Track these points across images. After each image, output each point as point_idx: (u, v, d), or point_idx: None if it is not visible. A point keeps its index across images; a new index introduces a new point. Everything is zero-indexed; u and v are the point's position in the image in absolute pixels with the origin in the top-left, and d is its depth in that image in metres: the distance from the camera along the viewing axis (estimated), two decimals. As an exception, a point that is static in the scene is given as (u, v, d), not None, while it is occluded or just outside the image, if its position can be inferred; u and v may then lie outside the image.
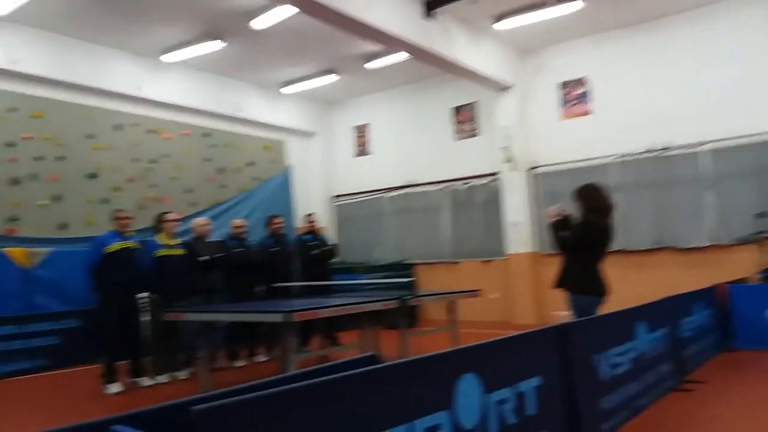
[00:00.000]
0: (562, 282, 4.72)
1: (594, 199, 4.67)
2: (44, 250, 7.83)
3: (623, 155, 9.27)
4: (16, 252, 7.54)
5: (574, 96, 9.87)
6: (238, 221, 7.64)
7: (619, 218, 8.84)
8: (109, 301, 6.02)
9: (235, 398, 1.79)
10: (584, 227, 4.61)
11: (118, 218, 6.20)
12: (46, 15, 7.98)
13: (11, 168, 8.15)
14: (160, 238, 6.54)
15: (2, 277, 7.35)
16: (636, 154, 9.18)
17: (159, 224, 6.68)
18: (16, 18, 7.91)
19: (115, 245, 6.05)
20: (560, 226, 4.76)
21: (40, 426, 1.63)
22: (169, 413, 1.75)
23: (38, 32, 8.34)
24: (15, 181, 8.17)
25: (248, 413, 1.81)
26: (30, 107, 8.42)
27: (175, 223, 6.69)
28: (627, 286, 8.72)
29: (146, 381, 6.21)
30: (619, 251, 8.90)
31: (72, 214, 8.71)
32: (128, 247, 6.16)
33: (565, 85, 9.98)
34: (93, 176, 9.04)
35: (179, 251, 6.61)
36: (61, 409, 5.38)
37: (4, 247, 7.56)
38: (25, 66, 8.20)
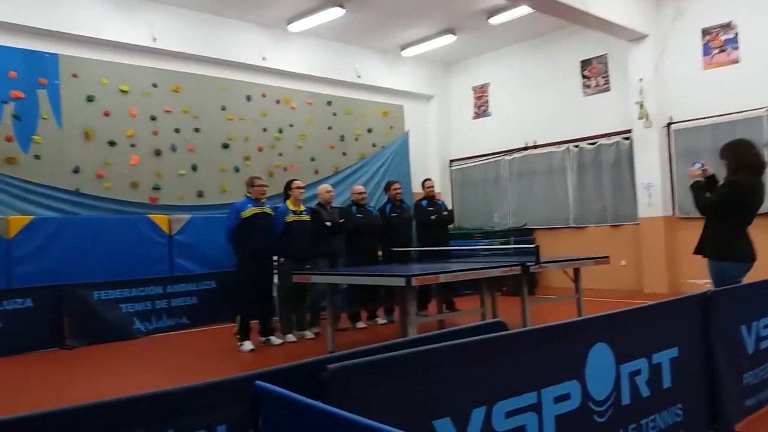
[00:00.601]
0: (704, 248, 4.35)
1: (742, 156, 4.20)
2: (184, 217, 8.49)
3: (776, 107, 8.30)
4: (159, 219, 8.26)
5: (719, 43, 8.91)
6: (358, 188, 7.80)
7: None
8: (246, 263, 6.40)
9: (370, 358, 1.85)
10: (730, 188, 4.18)
11: (255, 185, 6.50)
12: (180, -7, 8.53)
13: (154, 140, 8.87)
14: (289, 205, 6.85)
15: (149, 242, 8.08)
16: (792, 105, 8.18)
17: (288, 191, 6.99)
18: (153, -1, 8.55)
19: (251, 210, 6.40)
20: (703, 187, 4.37)
21: (184, 379, 1.77)
22: (305, 371, 1.83)
23: (173, 10, 8.92)
24: (157, 153, 8.90)
25: (382, 373, 1.85)
26: (169, 82, 9.08)
27: (301, 190, 6.96)
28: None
29: (276, 340, 6.57)
30: (769, 214, 8.11)
31: (207, 183, 9.37)
32: (263, 212, 6.50)
33: (709, 31, 9.02)
34: (226, 146, 9.62)
35: (305, 217, 6.90)
36: (201, 363, 5.84)
37: (148, 214, 8.30)
38: (163, 43, 8.83)
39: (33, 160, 7.75)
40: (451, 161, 12.79)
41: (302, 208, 6.94)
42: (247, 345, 6.27)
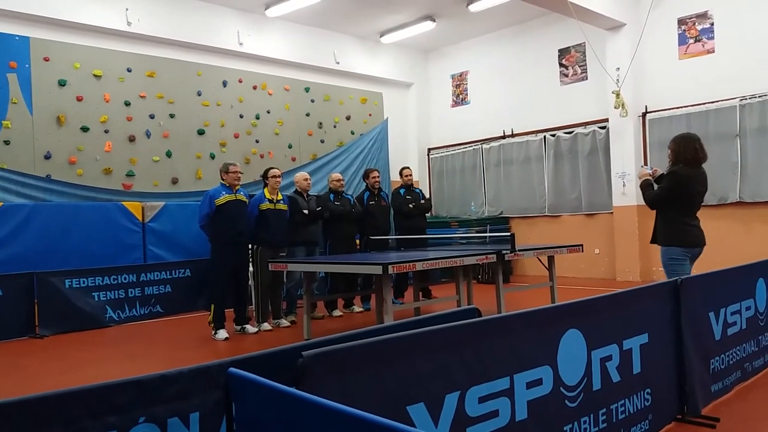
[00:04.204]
0: (656, 236, 4.68)
1: (682, 149, 4.52)
2: (158, 204, 8.36)
3: (750, 97, 8.43)
4: (132, 206, 8.13)
5: (695, 33, 9.02)
6: (336, 175, 7.77)
7: (742, 167, 8.24)
8: (220, 251, 6.35)
9: (345, 344, 1.85)
10: (669, 179, 4.52)
11: (230, 172, 6.41)
12: (154, -23, 8.35)
13: (128, 126, 8.72)
14: (266, 193, 6.80)
15: (122, 229, 7.95)
16: (765, 95, 8.31)
17: (266, 179, 6.93)
18: (127, -18, 8.35)
19: (225, 198, 6.33)
20: (650, 184, 4.71)
21: (157, 368, 1.76)
22: (280, 358, 1.83)
23: (148, -6, 8.74)
24: (131, 139, 8.74)
25: (357, 359, 1.86)
26: (144, 67, 8.91)
27: (278, 179, 6.90)
28: (749, 240, 8.10)
29: (251, 328, 6.53)
30: (740, 203, 8.27)
31: (182, 169, 9.24)
32: (237, 200, 6.43)
33: (685, 20, 9.12)
34: (201, 132, 9.49)
35: (282, 206, 6.85)
36: (174, 352, 5.78)
37: (122, 201, 8.16)
38: (138, 27, 8.65)
39: (2, 146, 7.57)
40: (430, 149, 12.80)
41: (279, 196, 6.88)
42: (222, 333, 6.22)
